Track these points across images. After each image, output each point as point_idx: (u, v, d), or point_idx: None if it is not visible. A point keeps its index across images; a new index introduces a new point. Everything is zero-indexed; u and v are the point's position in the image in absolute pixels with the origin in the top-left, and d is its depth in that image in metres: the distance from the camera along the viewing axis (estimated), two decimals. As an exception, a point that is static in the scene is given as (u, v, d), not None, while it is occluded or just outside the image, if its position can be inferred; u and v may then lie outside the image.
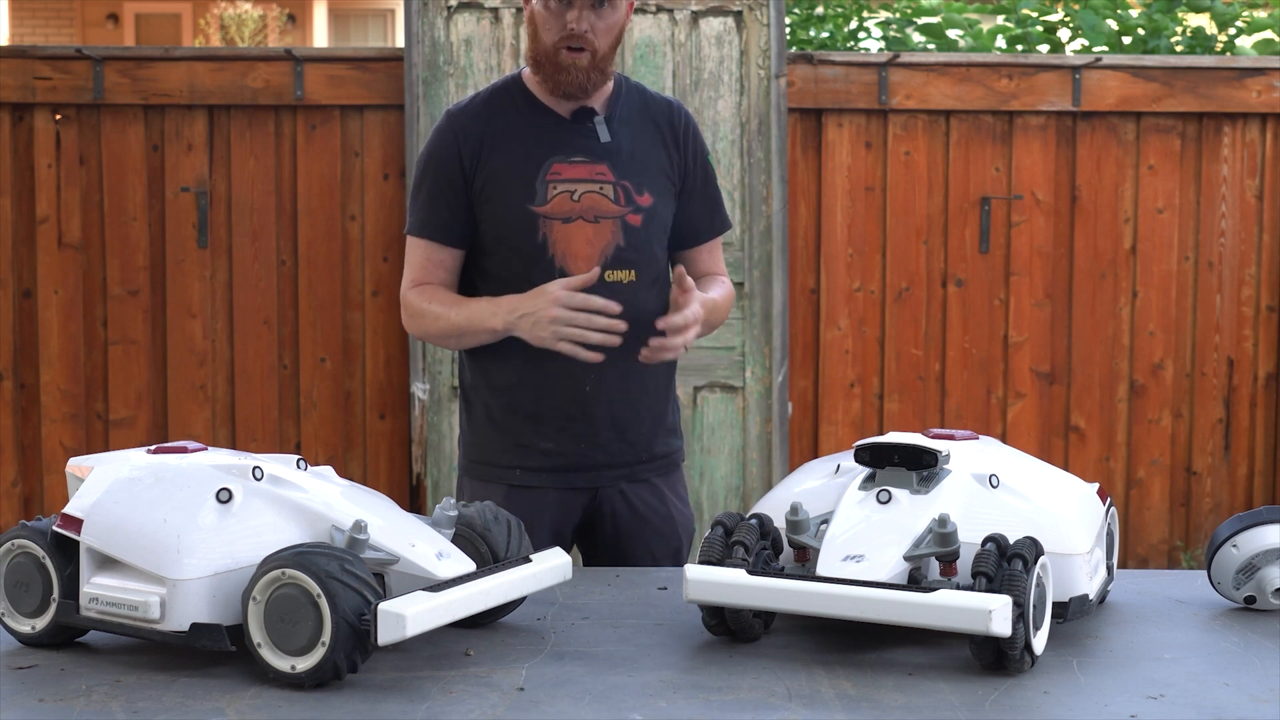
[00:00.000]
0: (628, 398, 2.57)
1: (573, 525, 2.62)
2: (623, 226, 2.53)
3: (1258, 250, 5.26)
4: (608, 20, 2.51)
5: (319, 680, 1.71)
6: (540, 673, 1.80)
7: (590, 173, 2.54)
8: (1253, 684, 1.77)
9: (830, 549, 1.85)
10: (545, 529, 2.54)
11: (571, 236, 2.52)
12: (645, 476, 2.62)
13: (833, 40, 6.34)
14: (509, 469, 2.59)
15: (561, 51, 2.50)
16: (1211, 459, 5.30)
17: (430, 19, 4.78)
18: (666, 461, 2.65)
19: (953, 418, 5.17)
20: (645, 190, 2.56)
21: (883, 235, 5.18)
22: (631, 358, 2.51)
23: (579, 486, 2.58)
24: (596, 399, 2.54)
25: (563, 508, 2.59)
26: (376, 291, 5.03)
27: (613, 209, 2.53)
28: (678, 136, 2.63)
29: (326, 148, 5.01)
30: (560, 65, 2.51)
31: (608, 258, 2.52)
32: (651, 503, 2.62)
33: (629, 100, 2.62)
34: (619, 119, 2.59)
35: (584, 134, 2.56)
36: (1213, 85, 5.19)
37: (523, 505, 2.48)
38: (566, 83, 2.52)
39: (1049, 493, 2.01)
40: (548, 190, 2.53)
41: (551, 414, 2.55)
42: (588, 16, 2.49)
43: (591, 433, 2.56)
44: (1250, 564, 2.07)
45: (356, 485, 1.97)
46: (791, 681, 1.76)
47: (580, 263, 2.51)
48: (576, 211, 2.52)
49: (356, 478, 4.84)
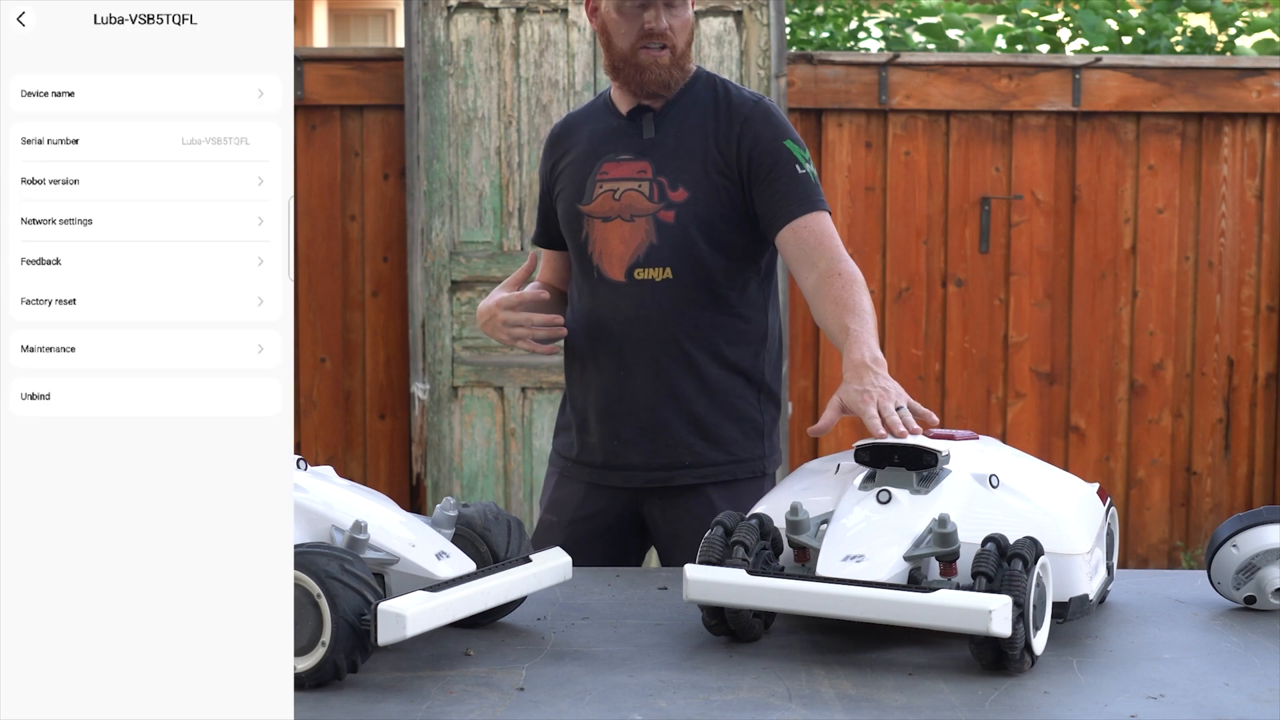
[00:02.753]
0: (659, 399, 2.52)
1: (622, 526, 2.59)
2: (655, 223, 2.50)
3: (1258, 250, 5.26)
4: (681, 17, 2.52)
5: (319, 680, 1.72)
6: (540, 673, 1.80)
7: (634, 170, 2.53)
8: (1253, 684, 1.77)
9: (830, 549, 1.85)
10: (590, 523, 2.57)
11: (608, 235, 2.52)
12: (688, 482, 2.52)
13: (833, 40, 6.34)
14: (563, 459, 2.64)
15: (640, 52, 2.50)
16: (1211, 459, 5.30)
17: (430, 19, 4.78)
18: (716, 470, 2.53)
19: (953, 418, 5.17)
20: (681, 185, 2.51)
21: (883, 235, 5.18)
22: (662, 356, 2.51)
23: (615, 486, 2.57)
24: (630, 398, 2.53)
25: (603, 505, 2.58)
26: (376, 291, 5.03)
27: (647, 206, 2.51)
28: (733, 125, 2.52)
29: (326, 147, 5.01)
30: (641, 65, 2.51)
31: (639, 256, 2.50)
32: (696, 512, 2.48)
33: (699, 95, 2.56)
34: (673, 115, 2.55)
35: (633, 131, 2.56)
36: (1213, 85, 5.19)
37: (566, 499, 2.59)
38: (651, 81, 2.51)
39: (1049, 493, 2.01)
40: (595, 189, 2.55)
41: (587, 412, 2.58)
42: (664, 14, 2.49)
43: (622, 431, 2.55)
44: (1250, 564, 2.07)
45: (356, 485, 1.97)
46: (791, 681, 1.76)
47: (613, 261, 2.52)
48: (616, 210, 2.52)
49: (356, 478, 4.84)
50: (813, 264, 2.42)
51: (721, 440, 2.53)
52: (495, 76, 4.78)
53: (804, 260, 2.43)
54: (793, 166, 2.48)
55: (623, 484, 2.56)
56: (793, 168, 2.48)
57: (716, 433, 2.52)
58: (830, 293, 2.38)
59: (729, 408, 2.53)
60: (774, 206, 2.47)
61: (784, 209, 2.46)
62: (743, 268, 2.54)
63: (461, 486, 4.82)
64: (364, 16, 12.82)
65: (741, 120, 2.51)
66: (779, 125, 2.52)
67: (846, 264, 2.42)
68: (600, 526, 2.57)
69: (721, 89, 2.57)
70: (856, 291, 2.38)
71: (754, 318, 2.56)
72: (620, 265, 2.51)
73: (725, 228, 2.51)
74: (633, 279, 2.50)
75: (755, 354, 2.56)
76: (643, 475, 2.54)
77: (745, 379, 2.55)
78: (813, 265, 2.42)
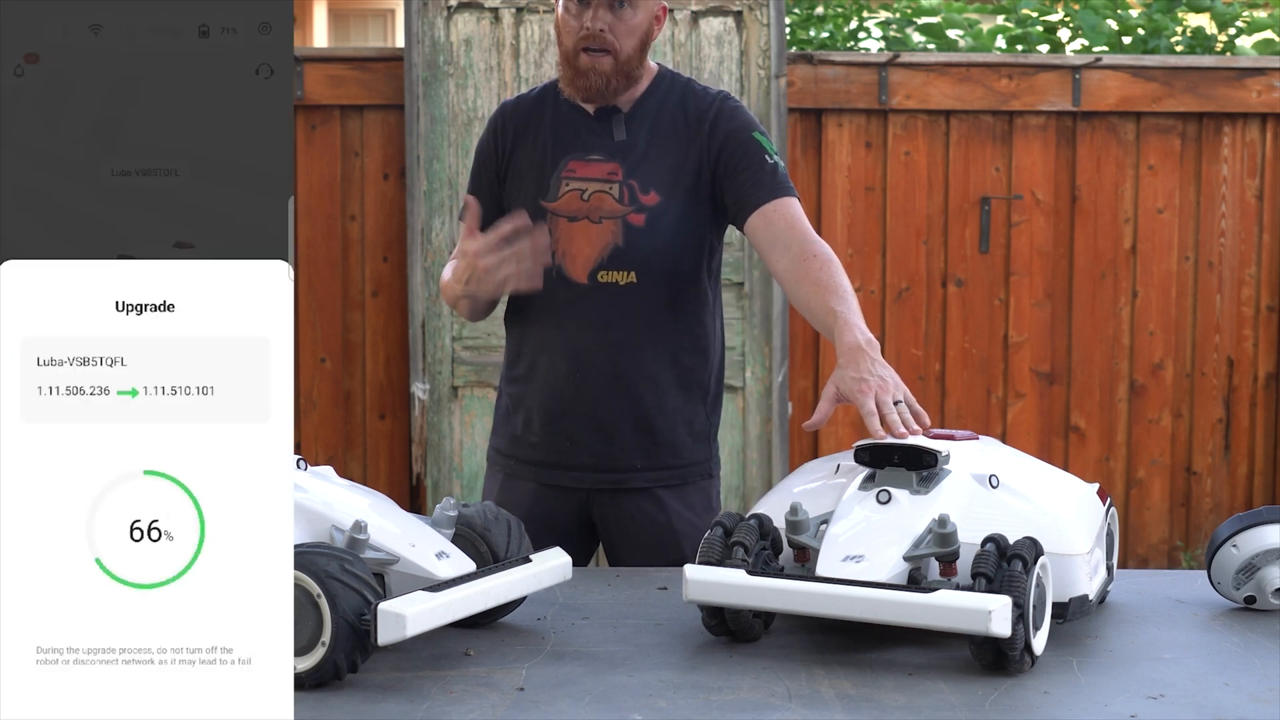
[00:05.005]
0: (613, 403, 2.52)
1: (572, 526, 2.57)
2: (624, 226, 2.49)
3: (1258, 250, 5.26)
4: (628, 22, 2.46)
5: (319, 680, 1.72)
6: (540, 673, 1.80)
7: (603, 172, 2.51)
8: (1253, 684, 1.77)
9: (830, 549, 1.85)
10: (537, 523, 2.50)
11: (573, 236, 2.49)
12: (639, 485, 2.54)
13: (833, 40, 6.34)
14: (506, 458, 2.61)
15: (580, 54, 2.46)
16: (1211, 459, 5.30)
17: (430, 19, 4.78)
18: (668, 474, 2.55)
19: (953, 418, 5.17)
20: (652, 189, 2.50)
21: (883, 235, 5.18)
22: (620, 360, 2.49)
23: (564, 486, 2.56)
24: (584, 399, 2.51)
25: (551, 505, 2.56)
26: (376, 291, 5.03)
27: (616, 208, 2.49)
28: (703, 122, 2.52)
29: (326, 147, 5.01)
30: (579, 69, 2.47)
31: (603, 259, 2.48)
32: (649, 512, 2.54)
33: (665, 97, 2.55)
34: (642, 116, 2.53)
35: (602, 132, 2.53)
36: (1213, 85, 5.19)
37: (512, 498, 2.54)
38: (585, 87, 2.48)
39: (1049, 493, 2.01)
40: (561, 187, 2.51)
41: (539, 410, 2.55)
42: (604, 16, 2.44)
43: (575, 432, 2.54)
44: (1250, 564, 2.07)
45: (356, 485, 1.97)
46: (791, 681, 1.76)
47: (576, 263, 2.49)
48: (583, 211, 2.50)
49: (356, 478, 4.84)
50: (785, 247, 2.42)
51: (674, 445, 2.55)
52: (495, 76, 4.78)
53: (775, 243, 2.43)
54: (761, 157, 2.49)
55: (573, 484, 2.55)
56: (761, 158, 2.49)
57: (668, 438, 2.54)
58: (809, 274, 2.37)
59: (680, 414, 2.55)
60: (742, 195, 2.47)
61: (752, 196, 2.46)
62: (701, 275, 2.55)
63: (461, 486, 4.82)
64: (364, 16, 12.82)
65: (711, 117, 2.52)
66: (746, 119, 2.53)
67: (820, 245, 2.41)
68: (551, 527, 2.51)
69: (685, 88, 2.57)
70: (835, 272, 2.36)
71: (708, 323, 2.58)
72: (583, 267, 2.49)
73: (693, 232, 2.52)
74: (595, 281, 2.48)
75: (706, 361, 2.58)
76: (593, 477, 2.54)
77: (697, 386, 2.57)
78: (785, 248, 2.42)
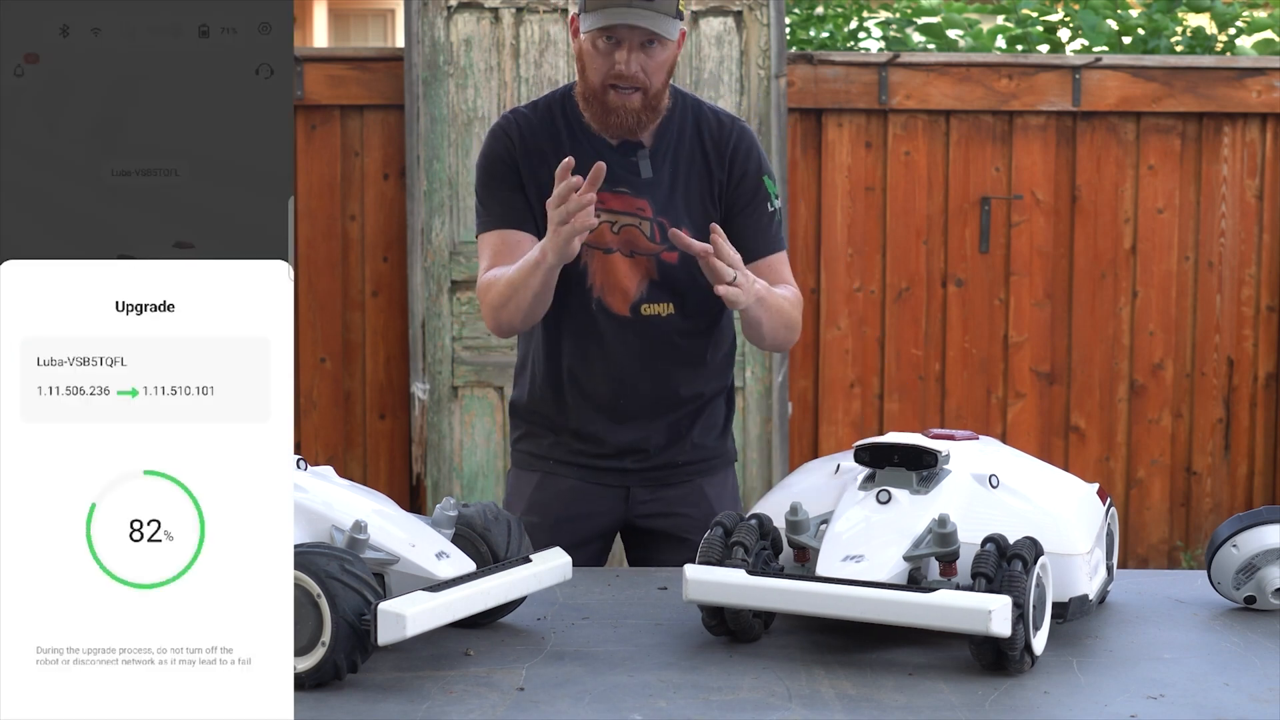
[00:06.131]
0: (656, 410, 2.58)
1: (610, 524, 2.63)
2: (658, 264, 2.51)
3: (1258, 250, 5.26)
4: (658, 59, 2.43)
5: (319, 680, 1.72)
6: (540, 673, 1.80)
7: (631, 206, 2.51)
8: (1253, 684, 1.77)
9: (830, 549, 1.85)
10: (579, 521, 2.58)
11: (611, 268, 2.50)
12: (677, 480, 2.61)
13: (833, 40, 6.34)
14: (543, 458, 2.63)
15: (610, 92, 2.43)
16: (1211, 459, 5.30)
17: (430, 19, 4.78)
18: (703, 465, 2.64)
19: (953, 418, 5.17)
20: (684, 226, 2.47)
21: (883, 235, 5.18)
22: (665, 375, 2.55)
23: (608, 484, 2.60)
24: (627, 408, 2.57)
25: (596, 503, 2.60)
26: (376, 291, 5.03)
27: (649, 246, 2.50)
28: (723, 156, 2.54)
29: (326, 147, 5.01)
30: (609, 106, 2.45)
31: (643, 293, 2.51)
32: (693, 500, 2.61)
33: (681, 125, 2.55)
34: (664, 150, 2.53)
35: (628, 167, 2.51)
36: (1213, 85, 5.19)
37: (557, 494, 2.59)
38: (614, 125, 2.47)
39: (1049, 493, 2.01)
40: None
41: (579, 407, 2.58)
42: (637, 57, 2.41)
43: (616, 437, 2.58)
44: (1250, 564, 2.07)
45: (356, 485, 1.98)
46: (791, 681, 1.76)
47: (617, 296, 2.51)
48: (616, 244, 2.50)
49: (356, 478, 4.84)
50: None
51: (704, 444, 2.65)
52: (495, 76, 4.78)
53: None
54: (766, 204, 2.58)
55: (616, 483, 2.60)
56: (766, 205, 2.58)
57: (701, 439, 2.64)
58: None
59: (711, 414, 2.65)
60: (741, 239, 2.51)
61: (750, 244, 2.54)
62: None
63: (461, 486, 4.82)
64: (364, 16, 12.82)
65: (729, 152, 2.56)
66: (759, 158, 2.60)
67: (793, 289, 2.60)
68: (590, 525, 2.59)
69: (696, 111, 2.57)
70: (788, 300, 2.56)
71: (728, 330, 2.67)
72: (625, 300, 2.51)
73: None
74: (638, 314, 2.52)
75: (729, 364, 2.68)
76: (636, 476, 2.60)
77: (724, 388, 2.68)
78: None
